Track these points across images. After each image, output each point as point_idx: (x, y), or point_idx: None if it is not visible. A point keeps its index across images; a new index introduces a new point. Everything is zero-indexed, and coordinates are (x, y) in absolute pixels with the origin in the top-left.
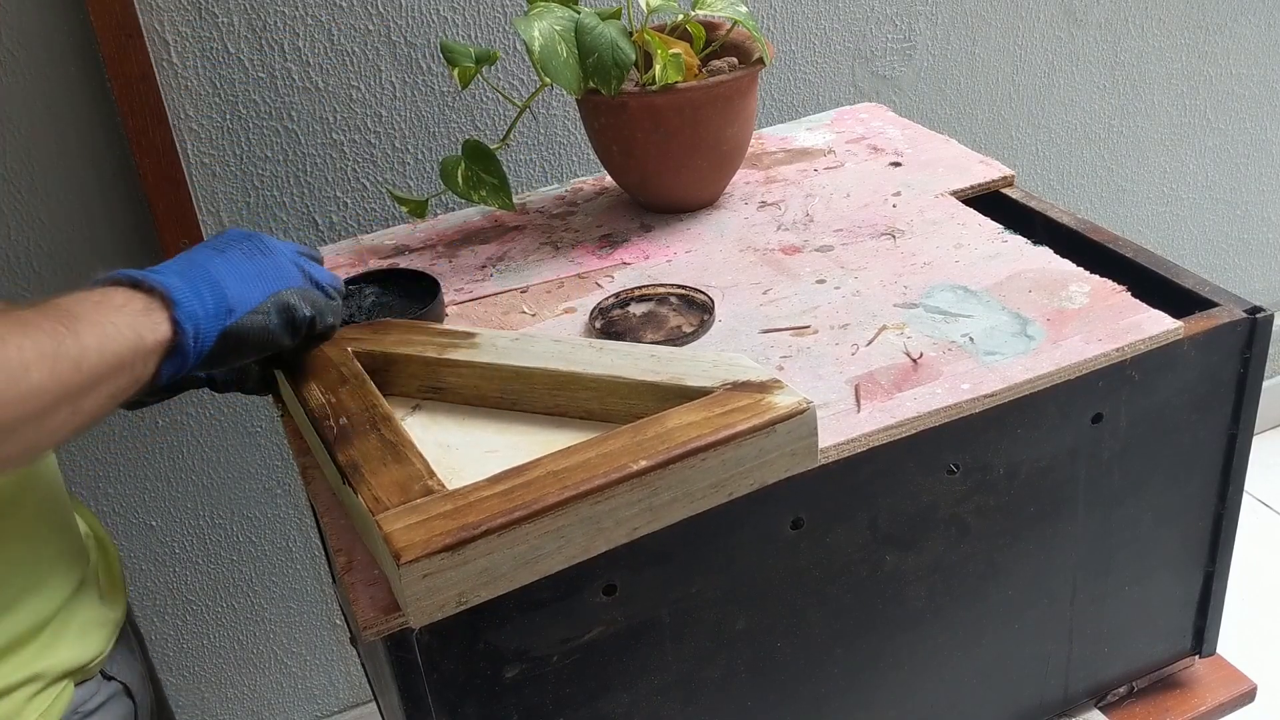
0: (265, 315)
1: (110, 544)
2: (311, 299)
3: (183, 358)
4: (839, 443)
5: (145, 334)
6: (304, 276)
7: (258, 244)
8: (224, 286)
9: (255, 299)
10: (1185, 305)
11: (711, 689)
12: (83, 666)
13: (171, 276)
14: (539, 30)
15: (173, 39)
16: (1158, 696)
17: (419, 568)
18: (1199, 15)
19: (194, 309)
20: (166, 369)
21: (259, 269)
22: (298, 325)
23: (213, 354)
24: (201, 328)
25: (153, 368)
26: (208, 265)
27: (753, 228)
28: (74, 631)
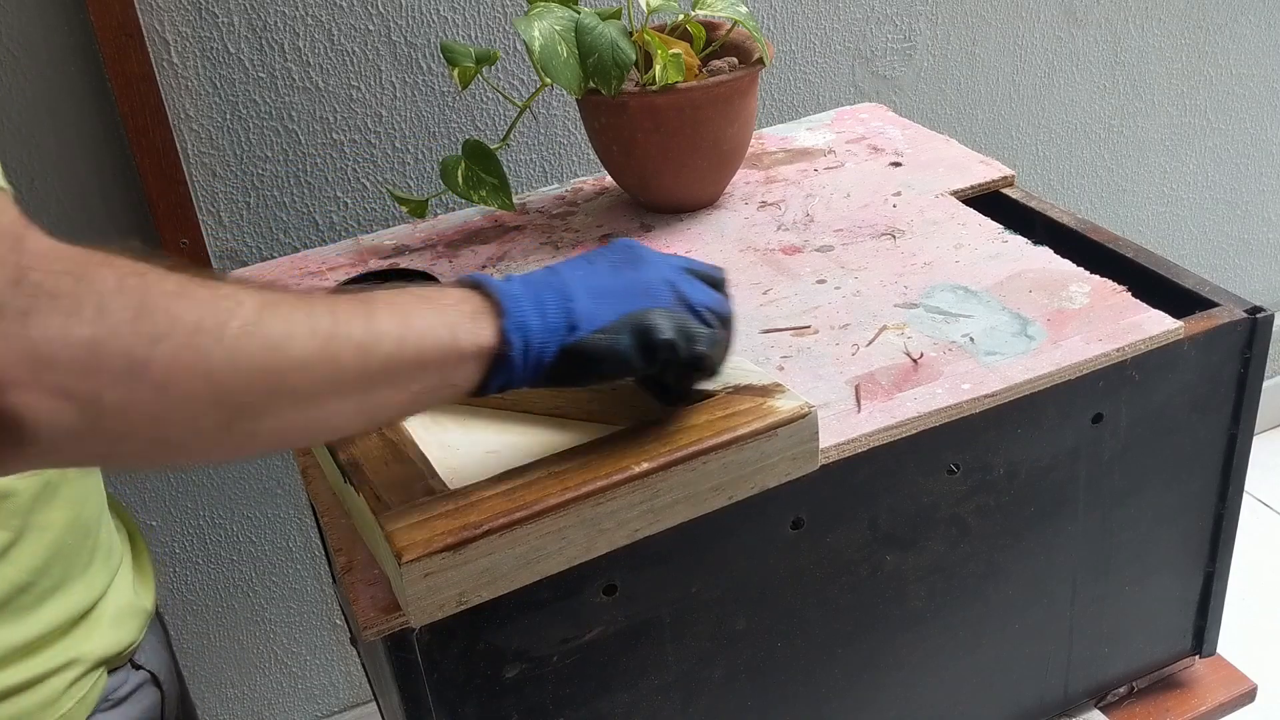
0: (615, 335)
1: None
2: (679, 322)
3: (510, 370)
4: (839, 443)
5: (463, 337)
6: (675, 296)
7: (631, 256)
8: (573, 300)
9: (605, 317)
10: (1185, 305)
11: (711, 689)
12: (117, 654)
13: (517, 285)
14: (539, 30)
15: (173, 39)
16: (1158, 696)
17: (420, 567)
18: (1199, 15)
19: (526, 320)
20: (495, 379)
21: (622, 284)
22: (654, 348)
23: (554, 370)
24: (534, 340)
25: (474, 375)
26: (565, 276)
27: (753, 228)
28: (109, 619)
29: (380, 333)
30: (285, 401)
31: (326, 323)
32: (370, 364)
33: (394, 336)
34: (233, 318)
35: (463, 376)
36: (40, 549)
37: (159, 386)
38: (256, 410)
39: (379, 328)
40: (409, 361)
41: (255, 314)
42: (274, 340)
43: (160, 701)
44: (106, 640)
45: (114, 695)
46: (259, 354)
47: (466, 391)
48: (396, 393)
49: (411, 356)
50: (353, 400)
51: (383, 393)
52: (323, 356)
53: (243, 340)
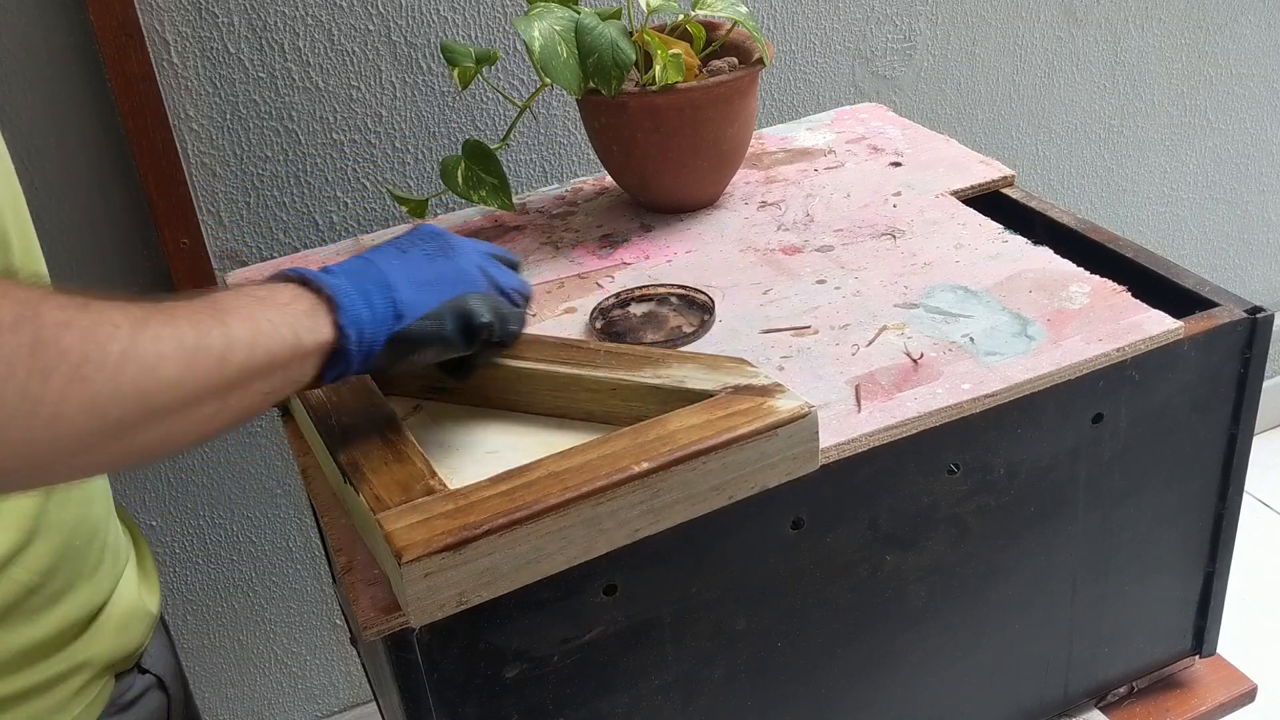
0: (439, 321)
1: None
2: (493, 304)
3: (346, 361)
4: (839, 443)
5: (304, 335)
6: (488, 281)
7: (443, 245)
8: (396, 290)
9: (429, 304)
10: (1185, 305)
11: (711, 689)
12: (124, 658)
13: (341, 278)
14: (539, 30)
15: (173, 39)
16: (1158, 696)
17: (420, 567)
18: (1199, 15)
19: (359, 313)
20: (329, 372)
21: (438, 272)
22: (474, 331)
23: (382, 358)
24: (366, 332)
25: (311, 370)
26: (383, 266)
27: (753, 228)
28: (116, 623)
29: (235, 339)
30: (158, 417)
31: (191, 336)
32: (229, 371)
33: (246, 342)
34: (111, 342)
35: (304, 372)
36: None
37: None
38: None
39: (233, 334)
40: (260, 364)
41: (130, 336)
42: (148, 362)
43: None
44: (114, 644)
45: (121, 700)
46: (137, 378)
47: (305, 386)
48: (248, 395)
49: (262, 359)
50: (211, 406)
51: (236, 396)
52: (190, 371)
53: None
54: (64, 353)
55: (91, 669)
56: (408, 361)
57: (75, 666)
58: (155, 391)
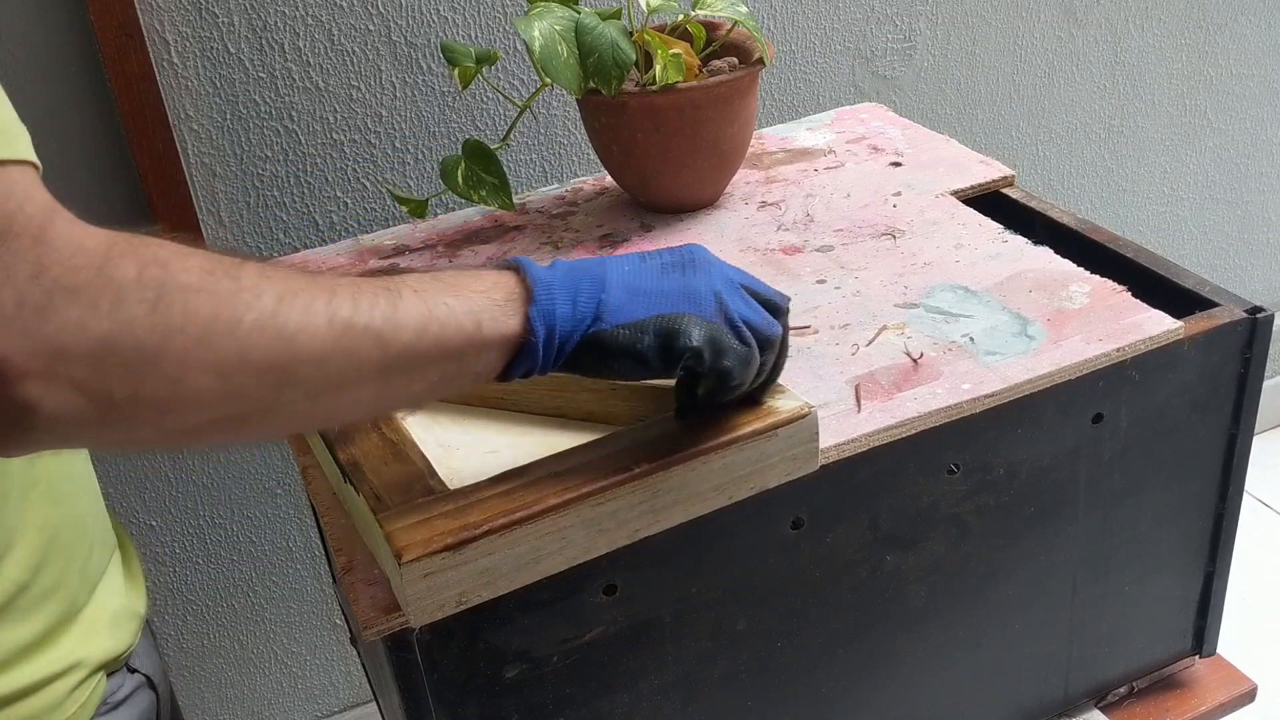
0: (639, 333)
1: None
2: (711, 333)
3: (532, 357)
4: (839, 443)
5: (486, 324)
6: (718, 308)
7: (685, 261)
8: (606, 291)
9: (635, 314)
10: (1185, 305)
11: (711, 689)
12: (116, 658)
13: (557, 272)
14: (539, 30)
15: (173, 39)
16: (1158, 696)
17: (420, 567)
18: (1199, 15)
19: (553, 309)
20: (519, 366)
21: (664, 286)
22: (677, 354)
23: (577, 359)
24: (559, 330)
25: (495, 362)
26: (610, 267)
27: (753, 228)
28: (107, 622)
29: (400, 322)
30: (297, 393)
31: (346, 311)
32: (388, 354)
33: (414, 326)
34: (249, 311)
35: (484, 364)
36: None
37: (171, 380)
38: (268, 402)
39: (400, 316)
40: (428, 350)
41: (273, 306)
42: (287, 334)
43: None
44: (106, 643)
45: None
46: (270, 349)
47: (487, 379)
48: (413, 380)
49: (431, 345)
50: (368, 389)
51: (399, 381)
52: (338, 348)
53: (254, 335)
54: (190, 314)
55: (85, 668)
56: (601, 370)
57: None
58: (296, 364)
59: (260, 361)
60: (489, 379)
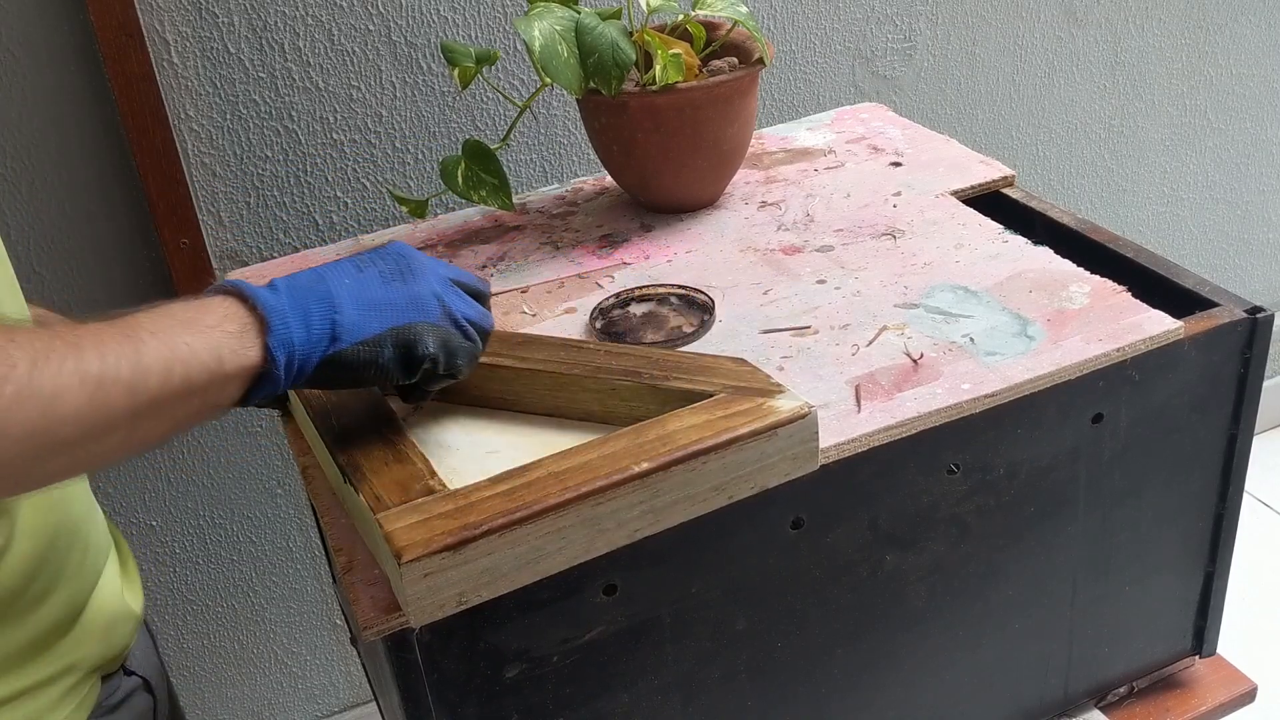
0: (378, 348)
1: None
2: (443, 336)
3: (273, 384)
4: (839, 443)
5: (227, 358)
6: (443, 310)
7: (404, 267)
8: (339, 311)
9: (371, 329)
10: (1185, 305)
11: (711, 689)
12: (110, 660)
13: (283, 295)
14: (539, 30)
15: (173, 39)
16: (1158, 696)
17: (420, 567)
18: (1199, 15)
19: (291, 335)
20: (255, 393)
21: (390, 296)
22: (416, 361)
23: (315, 379)
24: (298, 354)
25: (235, 391)
26: (333, 284)
27: (753, 228)
28: (102, 625)
29: (147, 368)
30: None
31: (95, 368)
32: (139, 401)
33: (160, 370)
34: (6, 382)
35: (226, 396)
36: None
37: None
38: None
39: (145, 363)
40: (175, 391)
41: (27, 374)
42: (46, 399)
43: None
44: (100, 646)
45: (108, 701)
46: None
47: (227, 408)
48: (161, 421)
49: (178, 386)
50: (119, 435)
51: (148, 423)
52: (93, 404)
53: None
54: None
55: (79, 671)
56: (342, 383)
57: (63, 669)
58: (53, 427)
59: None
60: (229, 407)
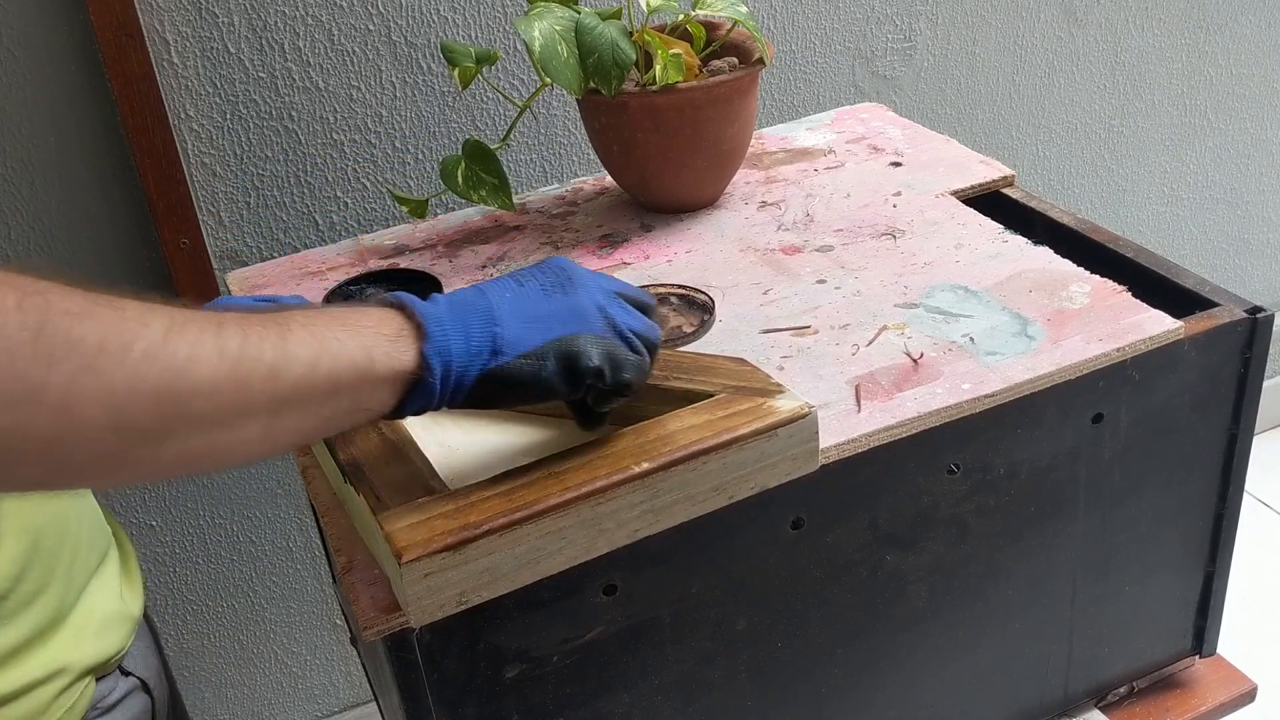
0: (539, 361)
1: (128, 542)
2: (608, 350)
3: (428, 394)
4: (839, 443)
5: (379, 360)
6: (606, 322)
7: (563, 278)
8: (499, 324)
9: (532, 342)
10: (1186, 305)
11: (711, 689)
12: (105, 662)
13: (441, 306)
14: (539, 30)
15: (173, 39)
16: (1158, 696)
17: (420, 567)
18: (1199, 15)
19: (448, 345)
20: (412, 402)
21: (552, 309)
22: (580, 375)
23: (475, 394)
24: (455, 365)
25: (388, 399)
26: (494, 298)
27: (753, 228)
28: (96, 626)
29: (292, 355)
30: (189, 426)
31: (236, 344)
32: (280, 387)
33: (306, 359)
34: (137, 339)
35: (377, 400)
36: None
37: (55, 410)
38: (159, 435)
39: (291, 350)
40: (321, 385)
41: (161, 336)
42: (179, 364)
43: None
44: (93, 648)
45: (102, 703)
46: (162, 378)
47: (380, 415)
48: (306, 417)
49: (323, 380)
50: (260, 424)
51: (292, 416)
52: (230, 380)
53: (145, 364)
54: (75, 342)
55: (71, 673)
56: (506, 400)
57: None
58: (184, 395)
59: (151, 391)
60: (381, 416)
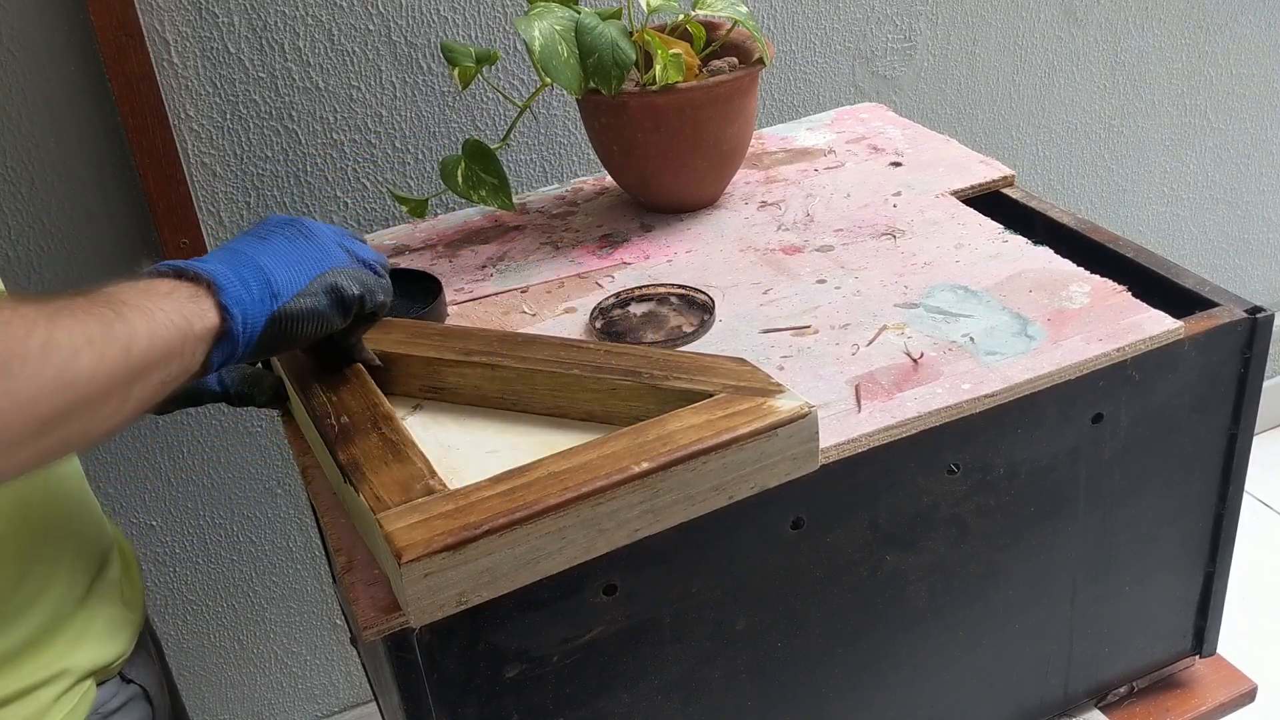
0: (313, 297)
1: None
2: (360, 277)
3: (232, 344)
4: (839, 443)
5: (194, 320)
6: (350, 256)
7: (299, 228)
8: (269, 271)
9: (301, 281)
10: (1186, 305)
11: (711, 689)
12: (105, 666)
13: (215, 264)
14: (539, 30)
15: (173, 39)
16: (1158, 696)
17: (420, 567)
18: (1199, 15)
19: (240, 294)
20: (216, 356)
21: (302, 252)
22: (348, 304)
23: (263, 340)
24: (249, 313)
25: (202, 355)
26: (250, 252)
27: (753, 228)
28: (98, 630)
29: (135, 330)
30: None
31: (97, 328)
32: (132, 361)
33: (145, 332)
34: (31, 336)
35: (195, 359)
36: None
37: None
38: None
39: (133, 326)
40: (159, 353)
41: (47, 330)
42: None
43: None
44: (95, 651)
45: (103, 709)
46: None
47: (195, 374)
48: (149, 385)
49: (160, 347)
50: (118, 398)
51: (139, 386)
52: (101, 362)
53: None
54: None
55: (71, 676)
56: (289, 341)
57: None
58: (76, 383)
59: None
60: (195, 374)
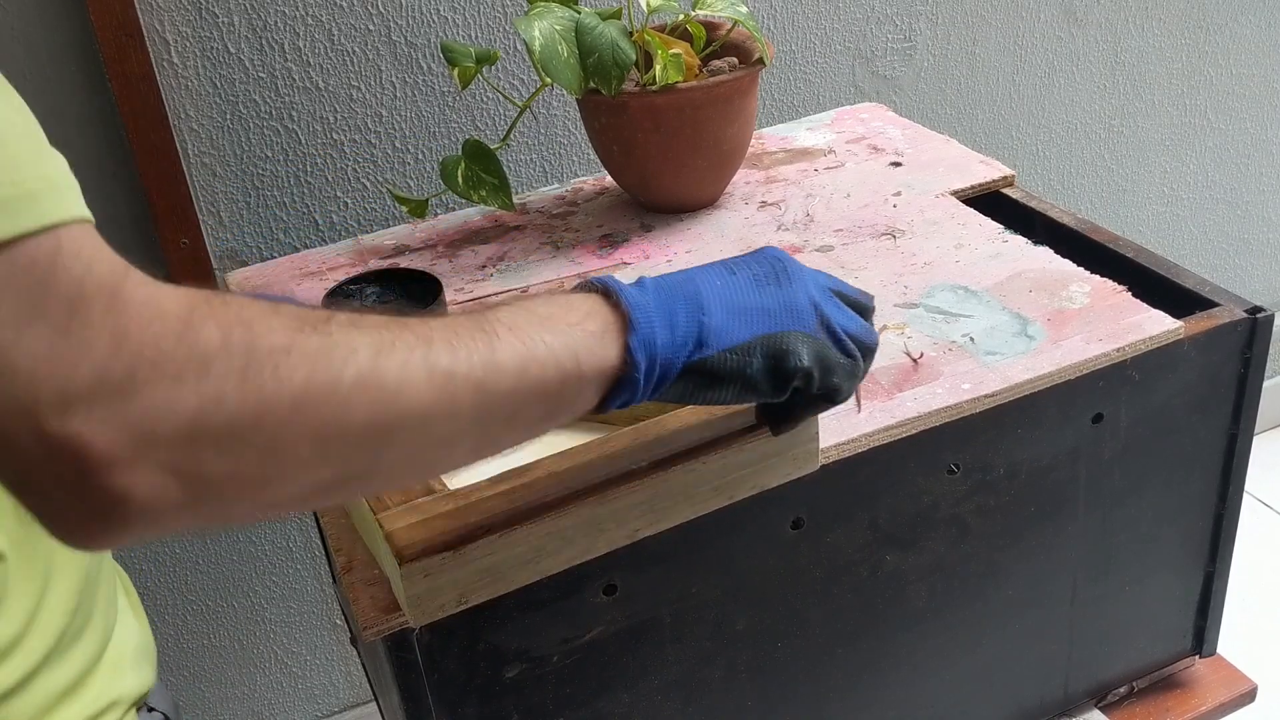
0: (745, 356)
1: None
2: (819, 350)
3: (632, 388)
4: (839, 443)
5: (584, 360)
6: (819, 320)
7: (776, 270)
8: (707, 314)
9: (739, 336)
10: (1186, 305)
11: (711, 689)
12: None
13: (649, 294)
14: (539, 30)
15: (173, 39)
16: (1158, 696)
17: (420, 567)
18: (1199, 15)
19: (654, 337)
20: (616, 398)
21: (762, 302)
22: (787, 376)
23: (676, 388)
24: (660, 359)
25: (592, 397)
26: (702, 285)
27: (753, 228)
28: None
29: (500, 367)
30: (399, 454)
31: (445, 362)
32: (489, 402)
33: (514, 369)
34: (346, 368)
35: (583, 401)
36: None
37: (267, 453)
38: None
39: (499, 360)
40: (529, 394)
41: (370, 363)
42: (388, 390)
43: None
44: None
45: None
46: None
47: (584, 413)
48: (513, 428)
49: (532, 388)
50: (468, 441)
51: (497, 428)
52: (439, 402)
53: (355, 396)
54: (283, 379)
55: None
56: (704, 397)
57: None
58: (393, 424)
59: (361, 423)
60: (584, 414)
